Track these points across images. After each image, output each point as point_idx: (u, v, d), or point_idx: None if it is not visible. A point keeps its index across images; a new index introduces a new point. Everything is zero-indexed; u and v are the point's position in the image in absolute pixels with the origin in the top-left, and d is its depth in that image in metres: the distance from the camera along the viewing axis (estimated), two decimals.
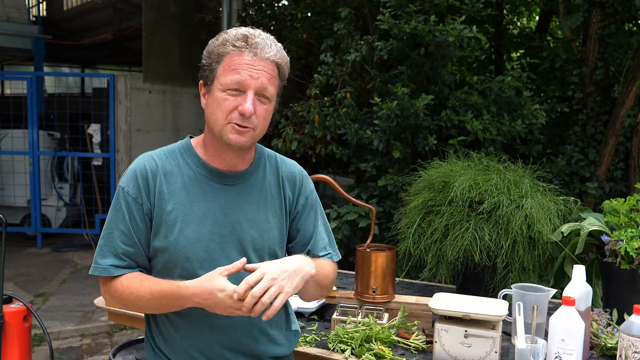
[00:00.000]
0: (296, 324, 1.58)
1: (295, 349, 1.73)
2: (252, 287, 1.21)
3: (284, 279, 1.25)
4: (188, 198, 1.35)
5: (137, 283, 1.31)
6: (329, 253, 1.53)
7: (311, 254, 1.49)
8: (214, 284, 1.22)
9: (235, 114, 1.30)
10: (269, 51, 1.31)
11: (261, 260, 1.39)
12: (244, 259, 1.26)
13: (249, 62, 1.29)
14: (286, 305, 1.53)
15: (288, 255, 1.49)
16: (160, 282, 1.30)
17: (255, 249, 1.39)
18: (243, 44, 1.30)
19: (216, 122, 1.32)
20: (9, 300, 2.37)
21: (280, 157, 1.52)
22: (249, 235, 1.38)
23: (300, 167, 1.54)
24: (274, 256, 1.42)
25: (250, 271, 1.25)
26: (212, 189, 1.37)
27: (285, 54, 1.38)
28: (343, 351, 1.69)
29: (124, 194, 1.34)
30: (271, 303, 1.23)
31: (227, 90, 1.30)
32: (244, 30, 1.33)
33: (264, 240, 1.40)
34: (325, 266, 1.48)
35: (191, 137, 1.45)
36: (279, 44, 1.37)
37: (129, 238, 1.33)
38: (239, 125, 1.30)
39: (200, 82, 1.38)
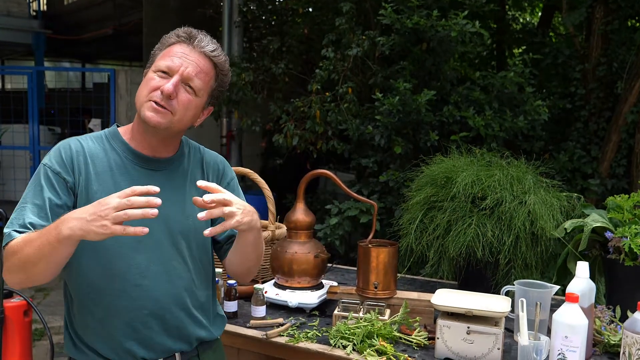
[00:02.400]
0: (221, 309, 1.58)
1: (297, 344, 1.73)
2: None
3: (240, 207, 1.29)
4: (114, 181, 1.35)
5: (32, 233, 1.24)
6: None
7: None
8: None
9: (157, 92, 1.32)
10: (205, 46, 1.36)
11: (188, 243, 1.41)
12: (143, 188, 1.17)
13: (184, 51, 1.35)
14: (212, 288, 1.53)
15: (214, 245, 1.53)
16: None
17: (181, 231, 1.40)
18: (184, 35, 1.37)
19: (139, 99, 1.35)
20: (10, 294, 2.37)
21: (203, 147, 1.56)
22: (175, 218, 1.40)
23: (222, 157, 1.59)
24: (201, 239, 1.43)
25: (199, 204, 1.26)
26: (139, 174, 1.38)
27: (226, 62, 1.42)
28: (345, 347, 1.68)
29: (45, 169, 1.33)
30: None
31: (157, 72, 1.35)
32: (194, 29, 1.39)
33: (190, 223, 1.41)
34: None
35: (118, 127, 1.46)
36: (223, 51, 1.42)
37: (41, 210, 1.28)
38: (157, 104, 1.32)
39: (144, 71, 1.42)
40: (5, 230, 1.27)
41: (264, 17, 5.70)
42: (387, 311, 1.86)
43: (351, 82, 4.27)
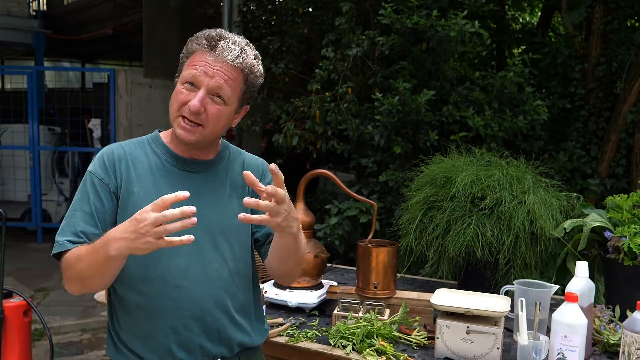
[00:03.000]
0: (266, 322, 1.57)
1: (297, 344, 1.73)
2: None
3: (286, 210, 1.24)
4: (154, 184, 1.37)
5: (83, 247, 1.28)
6: None
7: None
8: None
9: (187, 108, 1.33)
10: (228, 54, 1.32)
11: (229, 245, 1.41)
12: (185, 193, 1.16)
13: (209, 60, 1.32)
14: (255, 291, 1.52)
15: (254, 243, 1.51)
16: None
17: (222, 232, 1.40)
18: (206, 43, 1.33)
19: (171, 114, 1.37)
20: (9, 295, 2.37)
21: (244, 152, 1.57)
22: (215, 220, 1.40)
23: (264, 160, 1.57)
24: (242, 240, 1.44)
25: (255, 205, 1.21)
26: (178, 176, 1.40)
27: (255, 62, 1.37)
28: (344, 347, 1.68)
29: (91, 176, 1.37)
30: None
31: (184, 83, 1.34)
32: (216, 31, 1.35)
33: (231, 224, 1.41)
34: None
35: (160, 131, 1.48)
36: (251, 52, 1.37)
37: (91, 217, 1.33)
38: (188, 121, 1.33)
39: (175, 80, 1.43)
40: (59, 238, 1.31)
41: (263, 17, 5.70)
42: (387, 311, 1.86)
43: (351, 82, 4.27)
